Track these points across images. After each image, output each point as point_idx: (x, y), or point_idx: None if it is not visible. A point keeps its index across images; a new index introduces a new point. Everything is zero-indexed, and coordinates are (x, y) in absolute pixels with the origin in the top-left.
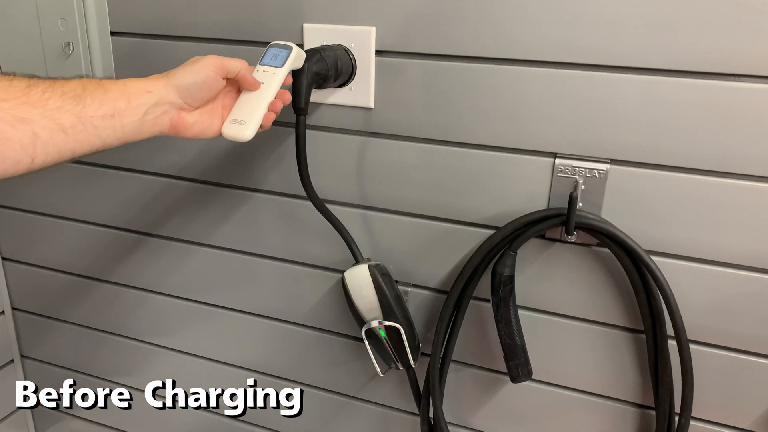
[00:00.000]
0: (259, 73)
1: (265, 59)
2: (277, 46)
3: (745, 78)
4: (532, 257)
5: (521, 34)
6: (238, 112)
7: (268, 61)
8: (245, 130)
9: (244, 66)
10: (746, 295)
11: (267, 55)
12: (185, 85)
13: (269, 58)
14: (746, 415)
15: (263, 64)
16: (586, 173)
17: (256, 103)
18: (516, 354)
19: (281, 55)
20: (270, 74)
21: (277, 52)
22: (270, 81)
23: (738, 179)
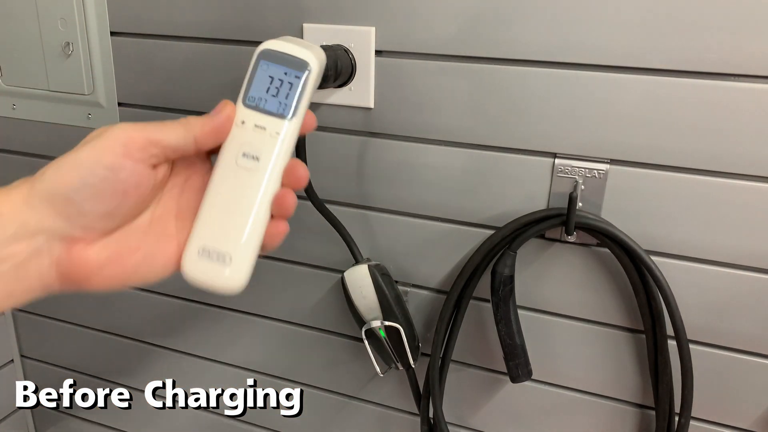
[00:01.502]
0: (246, 131)
1: (253, 91)
2: (277, 58)
3: (745, 78)
4: (532, 257)
5: (521, 34)
6: (209, 233)
7: (259, 98)
8: (228, 271)
9: (201, 128)
10: (746, 295)
11: (257, 79)
12: (67, 191)
13: (261, 87)
14: (746, 415)
15: (251, 105)
16: (585, 173)
17: (243, 212)
18: (516, 354)
19: (288, 84)
20: (266, 136)
21: (279, 73)
22: (267, 154)
23: (738, 179)
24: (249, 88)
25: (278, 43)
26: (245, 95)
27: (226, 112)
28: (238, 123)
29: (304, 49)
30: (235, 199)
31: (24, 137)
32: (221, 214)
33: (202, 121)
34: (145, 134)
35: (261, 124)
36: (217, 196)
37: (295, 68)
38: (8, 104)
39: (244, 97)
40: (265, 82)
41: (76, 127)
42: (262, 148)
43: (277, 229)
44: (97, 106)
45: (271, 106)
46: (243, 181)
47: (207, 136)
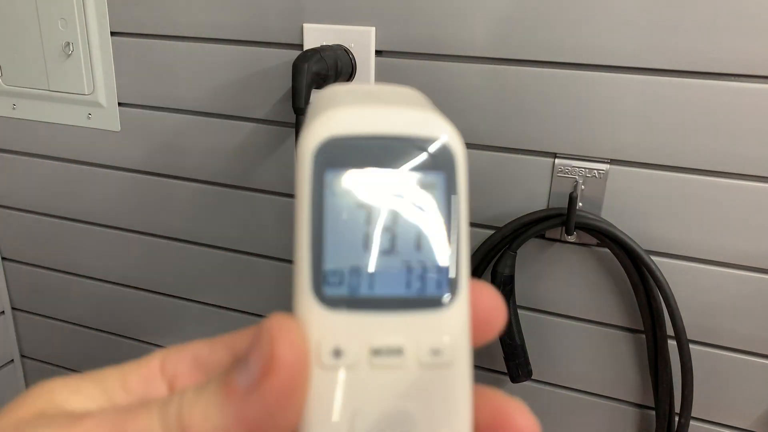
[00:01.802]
0: (355, 379)
1: (334, 257)
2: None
3: (745, 78)
4: (532, 257)
5: (521, 34)
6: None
7: (362, 275)
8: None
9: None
10: (747, 296)
11: (333, 224)
12: None
13: (348, 239)
14: (746, 415)
15: (342, 299)
16: (585, 173)
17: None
18: (516, 354)
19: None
20: (407, 375)
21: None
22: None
23: (738, 179)
24: (321, 249)
25: (351, 111)
26: (315, 270)
27: (289, 355)
28: (319, 359)
29: (412, 111)
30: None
31: (24, 137)
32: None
33: (215, 419)
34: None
35: (384, 345)
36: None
37: (420, 167)
38: (8, 104)
39: (315, 277)
40: (355, 220)
41: (77, 127)
42: (411, 418)
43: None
44: (97, 105)
45: (393, 281)
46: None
47: (257, 418)
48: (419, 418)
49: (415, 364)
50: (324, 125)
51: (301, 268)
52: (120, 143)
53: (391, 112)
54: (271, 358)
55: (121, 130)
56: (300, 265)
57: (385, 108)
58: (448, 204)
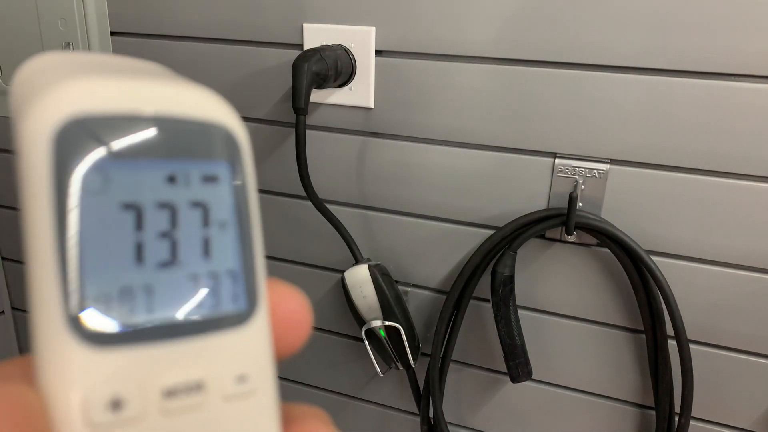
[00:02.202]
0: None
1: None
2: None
3: (745, 78)
4: (532, 257)
5: (520, 34)
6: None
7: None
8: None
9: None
10: (746, 295)
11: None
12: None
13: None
14: (746, 415)
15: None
16: (586, 173)
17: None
18: (516, 354)
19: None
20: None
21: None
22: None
23: (739, 179)
24: (75, 269)
25: (100, 83)
26: (69, 299)
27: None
28: (90, 419)
29: (181, 86)
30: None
31: None
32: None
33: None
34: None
35: (180, 381)
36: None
37: (198, 155)
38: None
39: (70, 308)
40: (121, 226)
41: None
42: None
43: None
44: None
45: (179, 300)
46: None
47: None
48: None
49: (218, 398)
50: (63, 100)
51: (46, 298)
52: None
53: (153, 85)
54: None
55: None
56: (42, 294)
57: (144, 80)
58: (234, 198)
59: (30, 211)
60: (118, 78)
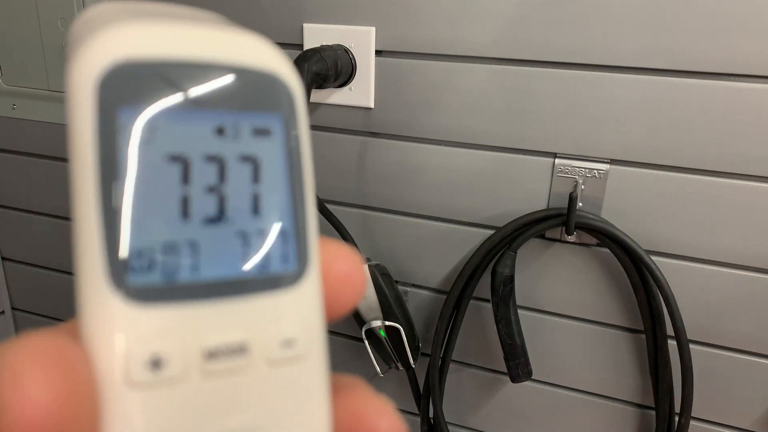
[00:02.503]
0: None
1: (138, 236)
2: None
3: (745, 78)
4: (532, 257)
5: (520, 34)
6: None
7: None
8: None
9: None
10: (746, 296)
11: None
12: None
13: (159, 208)
14: (746, 415)
15: (147, 292)
16: (586, 173)
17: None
18: (516, 354)
19: (248, 161)
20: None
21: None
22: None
23: (738, 179)
24: (118, 222)
25: (147, 27)
26: (112, 253)
27: (25, 403)
28: (129, 377)
29: (235, 34)
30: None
31: (24, 137)
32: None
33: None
34: None
35: (222, 343)
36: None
37: (250, 106)
38: (8, 104)
39: (113, 262)
40: (166, 179)
41: None
42: (264, 426)
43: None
44: None
45: (225, 258)
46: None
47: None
48: (272, 429)
49: (262, 362)
50: (109, 45)
51: (89, 251)
52: None
53: (205, 32)
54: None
55: None
56: (86, 246)
57: (195, 25)
58: (287, 153)
59: (75, 160)
60: (168, 23)
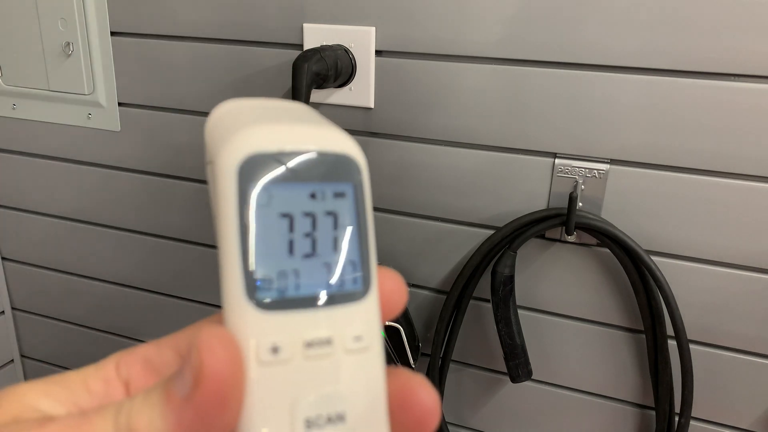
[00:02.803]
0: (288, 369)
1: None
2: (282, 171)
3: (745, 78)
4: (532, 257)
5: (520, 34)
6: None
7: (288, 277)
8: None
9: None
10: (746, 295)
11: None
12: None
13: (275, 246)
14: (746, 415)
15: (273, 302)
16: (586, 173)
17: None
18: (516, 354)
19: (330, 216)
20: (335, 361)
21: (301, 200)
22: (356, 393)
23: (738, 179)
24: (248, 257)
25: (268, 129)
26: (247, 277)
27: (215, 366)
28: (258, 357)
29: (321, 129)
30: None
31: (24, 137)
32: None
33: (159, 425)
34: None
35: (316, 337)
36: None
37: (332, 178)
38: (8, 104)
39: (248, 284)
40: (279, 229)
41: (77, 127)
42: (343, 396)
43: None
44: (97, 105)
45: (317, 280)
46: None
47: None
48: (349, 395)
49: (342, 351)
50: (245, 142)
51: (232, 276)
52: (120, 143)
53: (303, 129)
54: (199, 371)
55: (121, 130)
56: (230, 273)
57: (297, 125)
58: (356, 209)
59: (221, 220)
60: (280, 124)
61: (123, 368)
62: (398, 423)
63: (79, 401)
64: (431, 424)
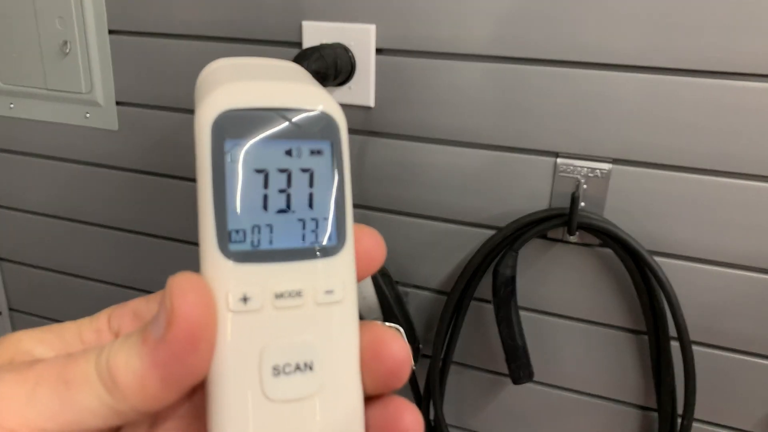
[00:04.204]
0: (257, 320)
1: (234, 218)
2: (256, 122)
3: (749, 77)
4: (534, 258)
5: (522, 32)
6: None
7: (261, 231)
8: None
9: (139, 384)
10: (750, 296)
11: (233, 187)
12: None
13: (251, 201)
14: (749, 417)
15: (244, 253)
16: (588, 173)
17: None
18: (517, 355)
19: (305, 172)
20: (306, 313)
21: (276, 156)
22: (323, 349)
23: (742, 179)
24: (224, 211)
25: (243, 86)
26: (220, 230)
27: (186, 309)
28: (228, 306)
29: (300, 88)
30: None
31: (21, 136)
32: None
33: (135, 365)
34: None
35: (285, 289)
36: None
37: (308, 136)
38: (6, 103)
39: (221, 236)
40: (253, 184)
41: (74, 126)
42: (311, 346)
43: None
44: (95, 104)
45: (290, 235)
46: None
47: (159, 390)
48: (318, 346)
49: (312, 303)
50: (220, 99)
51: (207, 229)
52: (118, 142)
53: (281, 86)
54: (171, 313)
55: (119, 128)
56: (205, 225)
57: (275, 82)
58: (333, 167)
59: (198, 175)
60: (258, 81)
61: (114, 320)
62: (371, 374)
63: (71, 350)
64: (403, 374)
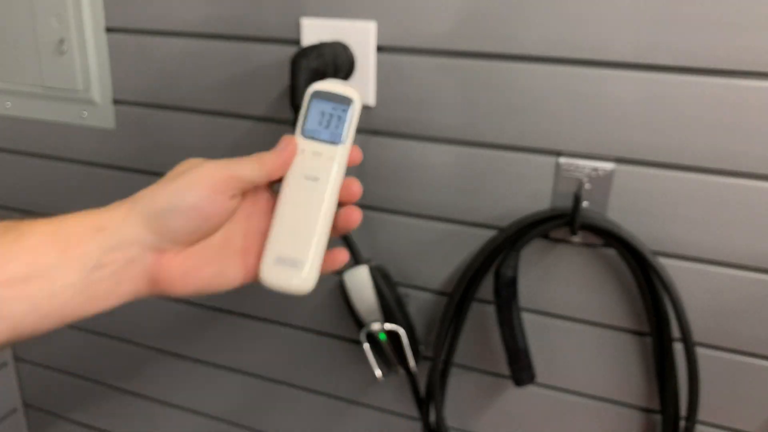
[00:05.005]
0: (305, 158)
1: (309, 125)
2: (327, 96)
3: (753, 75)
4: (536, 258)
5: (525, 30)
6: (282, 244)
7: (314, 130)
8: (301, 274)
9: (273, 163)
10: (755, 298)
11: (311, 115)
12: (159, 212)
13: (315, 121)
14: (753, 419)
15: (308, 136)
16: (590, 172)
17: (309, 224)
18: (519, 357)
19: (337, 117)
20: (323, 159)
21: (327, 108)
22: (325, 175)
23: (747, 179)
24: (305, 122)
25: (325, 84)
26: (303, 128)
27: (291, 147)
28: (299, 151)
29: (347, 88)
30: (302, 214)
31: (18, 135)
32: (291, 228)
33: (273, 157)
34: (228, 173)
35: (318, 151)
36: (286, 213)
37: (341, 103)
38: (2, 102)
39: (302, 130)
40: (317, 116)
41: (71, 125)
42: (320, 170)
43: (346, 219)
44: (91, 103)
45: (325, 135)
46: (307, 199)
47: (277, 169)
48: (322, 171)
49: (326, 157)
50: (315, 85)
51: (298, 126)
52: (115, 141)
53: (337, 86)
54: (289, 142)
55: (116, 127)
56: (298, 124)
57: (335, 84)
58: (345, 113)
59: (300, 112)
60: (325, 82)
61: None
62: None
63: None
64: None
